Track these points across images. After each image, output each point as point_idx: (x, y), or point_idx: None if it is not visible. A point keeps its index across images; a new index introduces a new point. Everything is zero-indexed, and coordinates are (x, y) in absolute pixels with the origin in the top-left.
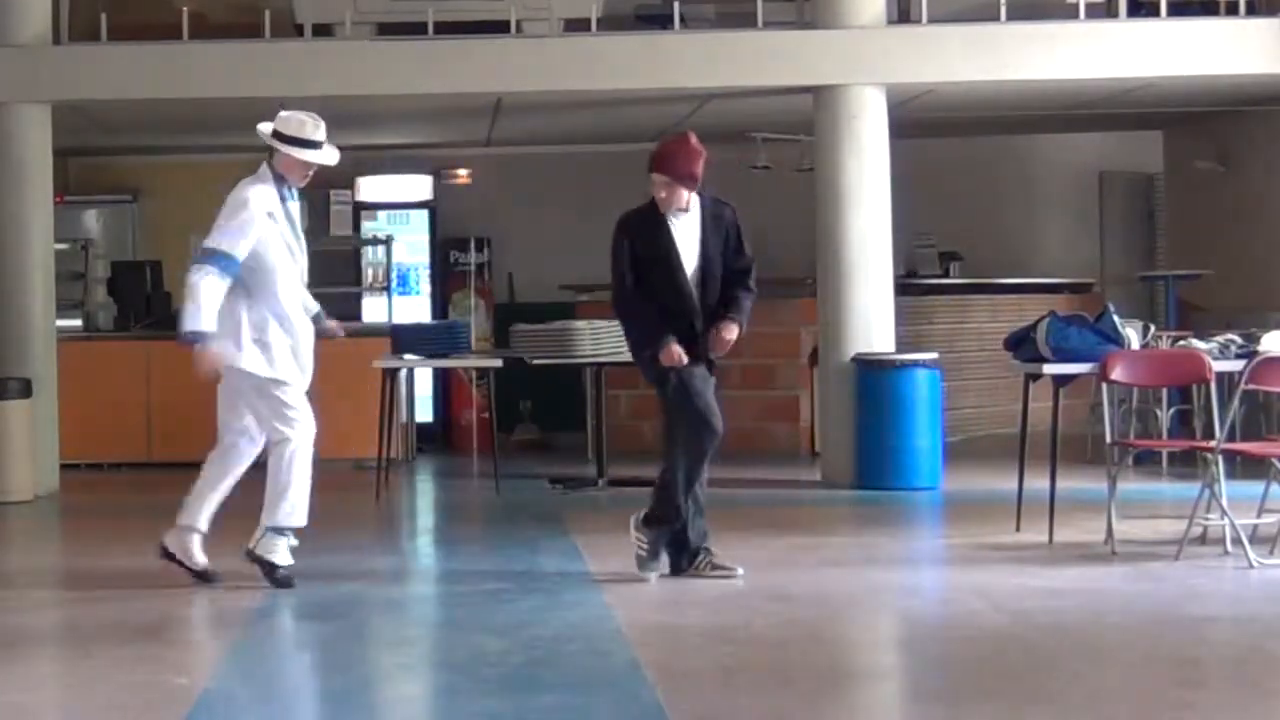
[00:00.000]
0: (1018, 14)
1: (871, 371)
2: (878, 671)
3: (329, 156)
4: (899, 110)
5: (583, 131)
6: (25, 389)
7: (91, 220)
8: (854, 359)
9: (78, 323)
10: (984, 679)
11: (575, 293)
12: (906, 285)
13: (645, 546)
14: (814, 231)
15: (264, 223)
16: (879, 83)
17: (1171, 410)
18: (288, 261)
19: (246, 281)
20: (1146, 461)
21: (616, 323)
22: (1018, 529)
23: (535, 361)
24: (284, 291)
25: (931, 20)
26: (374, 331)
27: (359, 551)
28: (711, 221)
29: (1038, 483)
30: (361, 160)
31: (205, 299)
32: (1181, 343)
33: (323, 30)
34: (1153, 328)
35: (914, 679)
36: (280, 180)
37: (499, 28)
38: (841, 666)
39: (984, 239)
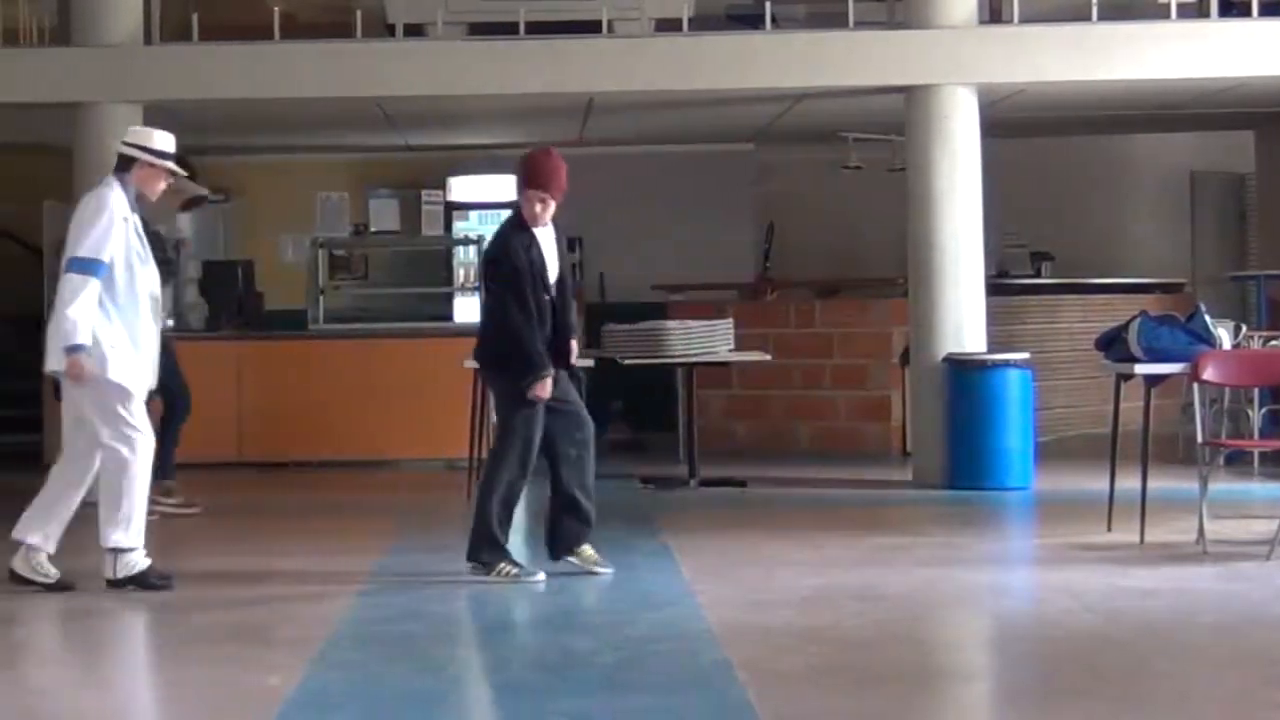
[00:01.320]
0: (1109, 14)
1: (963, 371)
2: (968, 671)
3: (180, 170)
4: (990, 110)
5: (674, 131)
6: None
7: (183, 220)
8: (945, 359)
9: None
10: (1074, 679)
11: (667, 292)
12: (998, 285)
13: (503, 571)
14: (905, 232)
15: (121, 227)
16: (970, 83)
17: (1263, 410)
18: (137, 269)
19: (104, 288)
20: (1238, 461)
21: (708, 323)
22: (1109, 529)
23: (627, 361)
24: (137, 298)
25: (1023, 20)
26: (465, 332)
27: (448, 551)
28: (562, 234)
29: (1129, 483)
30: (453, 160)
31: (83, 311)
32: (1273, 342)
33: (414, 30)
34: (1244, 328)
35: (1004, 679)
36: (129, 193)
37: (590, 28)
38: (931, 666)
39: (1075, 239)
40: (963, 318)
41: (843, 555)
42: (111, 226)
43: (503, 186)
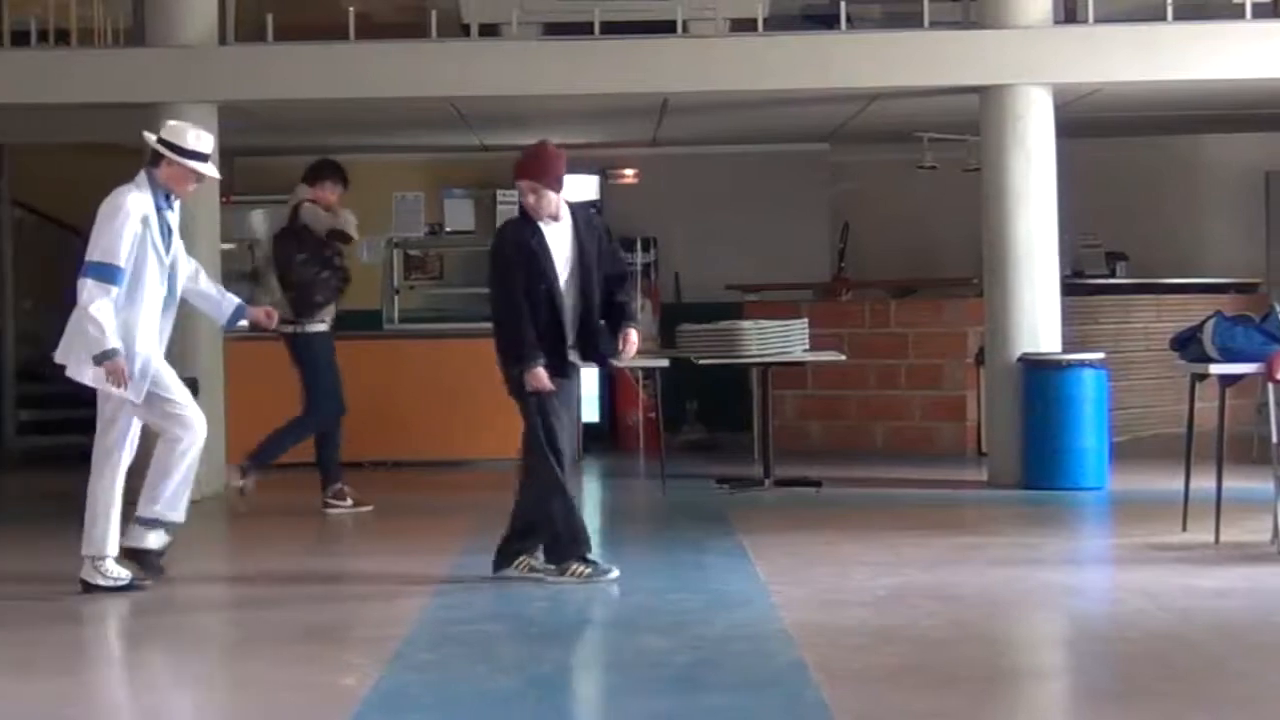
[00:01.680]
0: (1184, 14)
1: (1038, 371)
2: (1042, 671)
3: (213, 170)
4: (1064, 110)
5: (749, 131)
6: (192, 389)
7: (258, 220)
8: (1020, 359)
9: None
10: (1149, 679)
11: (742, 292)
12: (1072, 285)
13: (578, 572)
14: (980, 231)
15: (136, 229)
16: (1045, 83)
17: None
18: (153, 271)
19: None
20: None
21: (783, 323)
22: (1184, 529)
23: (702, 361)
24: (145, 301)
25: (1097, 20)
26: None
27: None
28: (585, 228)
29: (1204, 483)
30: None
31: (106, 319)
32: None
33: (489, 30)
34: None
35: (1078, 678)
36: (158, 189)
37: (665, 28)
38: (1006, 666)
39: (1149, 239)
40: (1038, 317)
41: (918, 555)
42: (124, 229)
43: (578, 186)
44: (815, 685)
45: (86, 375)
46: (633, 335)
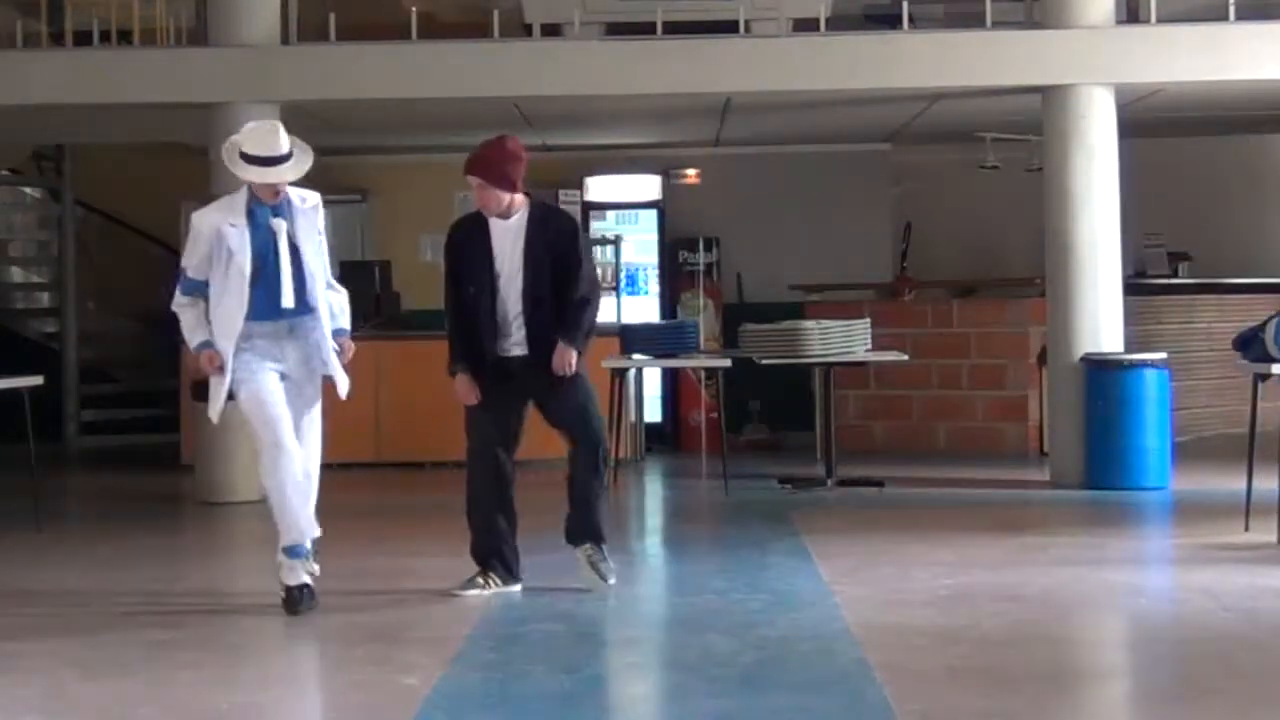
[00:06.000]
0: (1246, 13)
1: (1100, 371)
2: (1106, 671)
3: (272, 175)
4: (1127, 110)
5: (811, 131)
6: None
7: None
8: (1083, 359)
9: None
10: (1212, 678)
11: (804, 293)
12: (1135, 285)
13: (476, 582)
14: (1043, 231)
15: (212, 237)
16: (1108, 83)
17: None
18: (236, 280)
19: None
20: None
21: (846, 323)
22: (1246, 529)
23: (764, 361)
24: (227, 310)
25: (1160, 20)
26: (603, 331)
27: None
28: (538, 228)
29: (1267, 483)
30: (590, 160)
31: (185, 325)
32: None
33: (551, 30)
34: None
35: (1142, 678)
36: (252, 196)
37: (727, 28)
38: (1069, 666)
39: (1212, 238)
40: (1100, 318)
41: (981, 555)
42: (197, 240)
43: (640, 187)
44: (878, 685)
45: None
46: (566, 353)
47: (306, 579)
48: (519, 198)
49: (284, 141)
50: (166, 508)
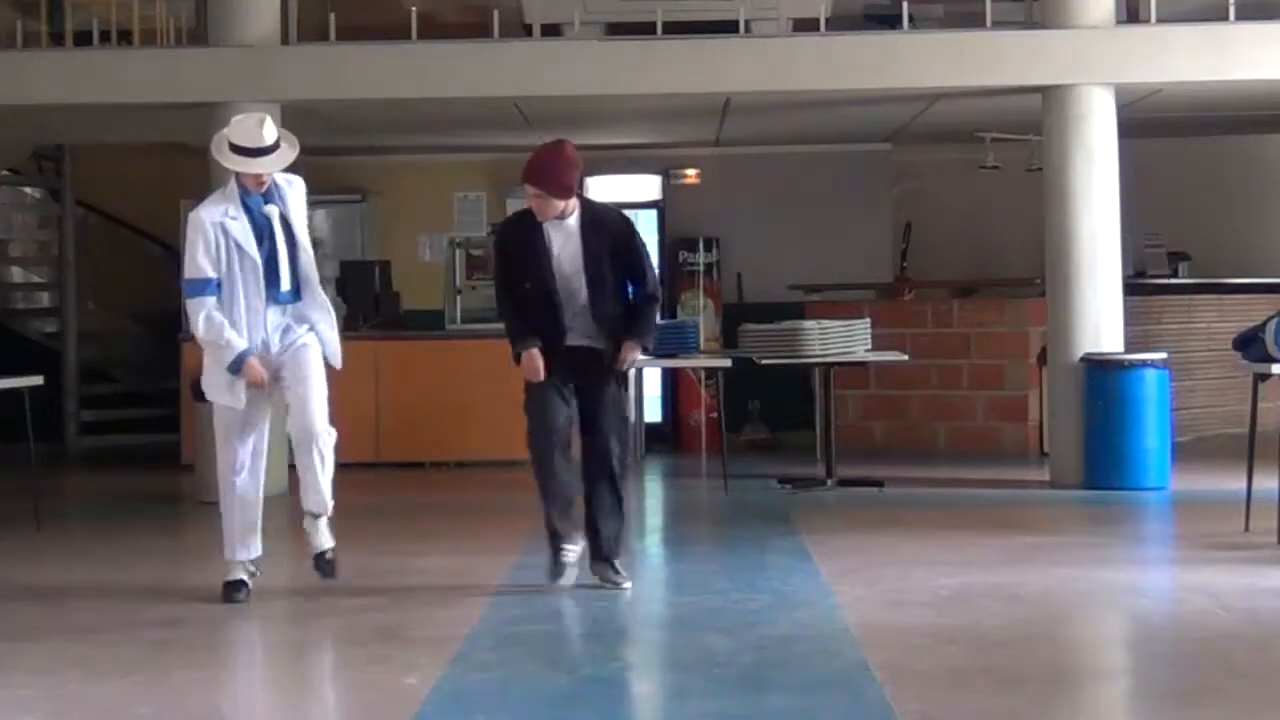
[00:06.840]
0: (1247, 13)
1: (1100, 371)
2: (1106, 671)
3: (260, 164)
4: (1127, 110)
5: (811, 131)
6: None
7: (320, 220)
8: (1083, 359)
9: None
10: (1213, 679)
11: (804, 292)
12: (1135, 285)
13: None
14: (1043, 231)
15: (216, 231)
16: (1108, 83)
17: None
18: (247, 273)
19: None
20: None
21: (846, 323)
22: (1246, 529)
23: (764, 361)
24: (241, 305)
25: (1160, 20)
26: None
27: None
28: (591, 229)
29: (1267, 483)
30: (590, 160)
31: (213, 333)
32: None
33: (551, 30)
34: None
35: (1141, 679)
36: (240, 188)
37: (728, 28)
38: (1069, 666)
39: (1212, 239)
40: (1100, 318)
41: (980, 555)
42: (197, 242)
43: (640, 187)
44: (878, 685)
45: (223, 397)
46: (634, 350)
47: (243, 576)
48: (573, 201)
49: (270, 133)
50: (166, 508)
